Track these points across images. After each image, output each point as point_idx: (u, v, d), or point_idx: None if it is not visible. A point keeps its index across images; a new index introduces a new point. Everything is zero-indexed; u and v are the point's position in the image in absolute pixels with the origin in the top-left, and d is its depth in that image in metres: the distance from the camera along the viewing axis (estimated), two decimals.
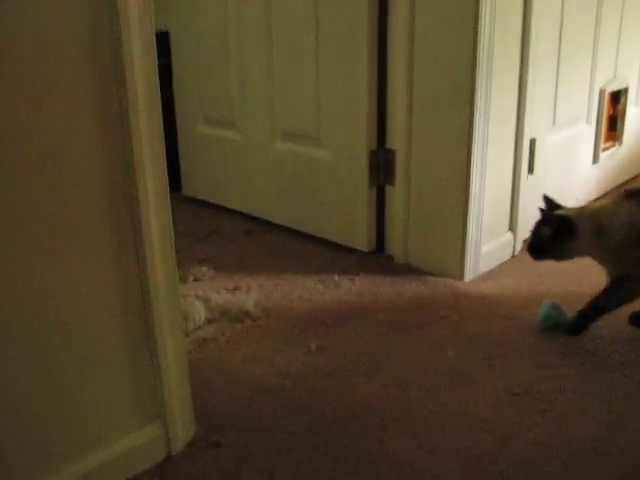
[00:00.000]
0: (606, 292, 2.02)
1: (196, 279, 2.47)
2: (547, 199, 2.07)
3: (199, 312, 2.18)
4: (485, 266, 2.50)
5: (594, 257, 2.02)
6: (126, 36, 1.27)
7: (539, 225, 2.03)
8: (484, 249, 2.48)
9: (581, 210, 2.02)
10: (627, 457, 1.57)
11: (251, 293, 2.36)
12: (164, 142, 1.41)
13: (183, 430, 1.60)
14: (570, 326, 2.05)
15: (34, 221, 1.25)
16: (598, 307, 2.03)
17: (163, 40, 3.01)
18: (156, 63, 1.35)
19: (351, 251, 2.68)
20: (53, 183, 1.26)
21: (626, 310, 2.05)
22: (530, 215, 2.13)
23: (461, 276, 2.43)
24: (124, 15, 1.26)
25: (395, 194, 2.55)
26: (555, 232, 1.97)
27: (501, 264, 2.58)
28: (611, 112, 3.21)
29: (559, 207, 2.05)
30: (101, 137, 1.31)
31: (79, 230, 1.33)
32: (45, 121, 1.23)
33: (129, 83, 1.30)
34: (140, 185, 1.37)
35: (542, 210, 2.06)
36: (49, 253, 1.29)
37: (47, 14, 1.19)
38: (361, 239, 2.66)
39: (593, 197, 3.08)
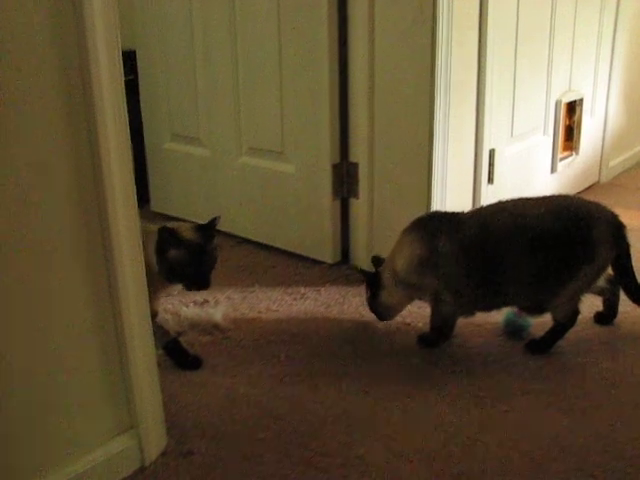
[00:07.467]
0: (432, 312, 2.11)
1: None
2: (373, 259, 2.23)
3: (168, 325, 2.19)
4: None
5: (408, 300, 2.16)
6: (93, 55, 1.30)
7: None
8: None
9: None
10: (589, 451, 1.62)
11: (219, 306, 2.39)
12: (132, 158, 1.44)
13: (156, 440, 1.63)
14: (428, 340, 2.12)
15: (5, 241, 1.27)
16: (434, 327, 2.11)
17: (130, 59, 3.04)
18: (122, 80, 1.38)
19: (317, 263, 2.72)
20: (20, 200, 1.28)
21: (588, 312, 2.13)
22: None
23: None
24: (91, 35, 1.29)
25: (359, 206, 2.60)
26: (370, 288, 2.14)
27: None
28: (567, 122, 3.31)
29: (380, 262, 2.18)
30: (69, 154, 1.34)
31: (48, 245, 1.35)
32: (11, 138, 1.25)
33: (97, 101, 1.33)
34: (109, 200, 1.39)
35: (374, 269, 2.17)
36: (20, 273, 1.31)
37: (16, 34, 1.22)
38: (326, 251, 2.71)
39: None
